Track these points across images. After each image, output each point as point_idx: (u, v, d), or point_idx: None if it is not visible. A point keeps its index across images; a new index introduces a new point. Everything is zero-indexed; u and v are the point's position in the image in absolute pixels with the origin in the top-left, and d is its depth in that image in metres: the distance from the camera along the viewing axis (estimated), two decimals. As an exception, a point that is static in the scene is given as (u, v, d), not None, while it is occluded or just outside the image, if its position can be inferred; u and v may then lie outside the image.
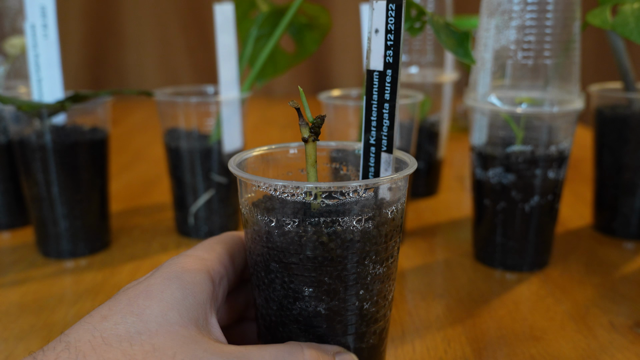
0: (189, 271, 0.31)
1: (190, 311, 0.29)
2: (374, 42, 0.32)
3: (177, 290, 0.30)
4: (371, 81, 0.33)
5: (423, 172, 0.76)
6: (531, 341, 0.44)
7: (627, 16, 0.49)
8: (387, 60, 0.32)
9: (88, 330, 0.28)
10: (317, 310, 0.31)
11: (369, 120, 0.33)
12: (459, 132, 1.12)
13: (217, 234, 0.37)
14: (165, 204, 0.74)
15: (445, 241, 0.63)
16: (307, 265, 0.31)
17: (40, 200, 0.56)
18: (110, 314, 0.29)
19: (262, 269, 0.32)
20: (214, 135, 0.60)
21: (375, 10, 0.31)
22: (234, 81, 0.60)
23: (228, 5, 0.59)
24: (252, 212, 0.32)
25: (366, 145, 0.34)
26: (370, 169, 0.35)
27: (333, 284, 0.31)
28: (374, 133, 0.33)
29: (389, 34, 0.32)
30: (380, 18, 0.31)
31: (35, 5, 0.55)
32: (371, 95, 0.33)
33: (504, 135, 0.53)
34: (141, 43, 1.60)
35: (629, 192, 0.62)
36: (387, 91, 0.33)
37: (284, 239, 0.31)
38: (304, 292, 0.31)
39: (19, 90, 0.68)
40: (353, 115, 0.58)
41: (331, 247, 0.30)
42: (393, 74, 0.32)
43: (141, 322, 0.28)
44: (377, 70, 0.32)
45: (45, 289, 0.52)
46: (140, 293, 0.29)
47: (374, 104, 0.33)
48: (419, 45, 0.76)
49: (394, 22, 0.31)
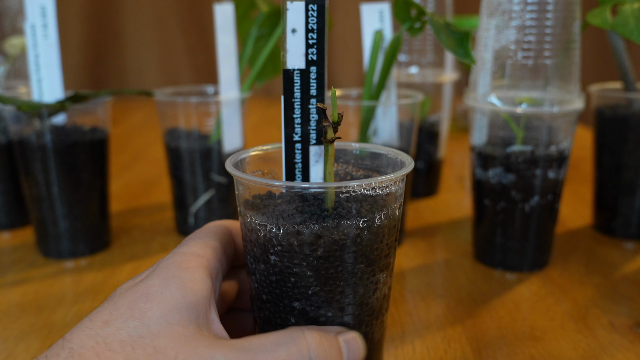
0: (187, 269, 0.31)
1: (190, 310, 0.30)
2: (290, 42, 0.32)
3: (177, 290, 0.30)
4: (291, 80, 0.33)
5: (423, 172, 0.76)
6: (531, 341, 0.44)
7: (627, 16, 0.49)
8: (309, 58, 0.33)
9: (91, 336, 0.28)
10: (314, 309, 0.32)
11: (291, 117, 0.34)
12: (459, 132, 1.12)
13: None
14: (165, 204, 0.74)
15: (445, 241, 0.63)
16: (304, 264, 0.31)
17: (40, 200, 0.56)
18: (111, 318, 0.29)
19: (260, 268, 0.32)
20: (214, 135, 0.60)
21: (289, 10, 0.32)
22: (234, 81, 0.60)
23: (228, 5, 0.59)
24: (249, 211, 0.32)
25: (289, 141, 0.34)
26: (297, 166, 0.35)
27: (330, 284, 0.31)
28: (298, 129, 0.34)
29: (310, 32, 0.32)
30: (297, 18, 0.32)
31: (35, 5, 0.55)
32: (292, 93, 0.33)
33: (504, 135, 0.53)
34: (141, 43, 1.60)
35: (629, 192, 0.62)
36: (313, 87, 0.33)
37: (280, 238, 0.31)
38: (301, 291, 0.31)
39: (19, 90, 0.68)
40: (353, 115, 0.58)
41: (328, 246, 0.30)
42: (318, 71, 0.33)
43: (143, 326, 0.28)
44: (298, 68, 0.33)
45: (45, 289, 0.52)
46: (141, 296, 0.30)
47: (295, 101, 0.33)
48: (419, 45, 0.76)
49: (316, 21, 0.32)
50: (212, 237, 0.34)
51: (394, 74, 0.60)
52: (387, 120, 0.59)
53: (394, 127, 0.59)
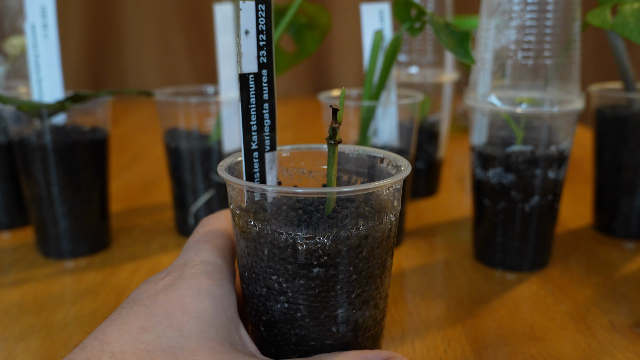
0: (215, 283, 0.31)
1: (224, 327, 0.30)
2: (244, 45, 0.31)
3: (211, 306, 0.30)
4: (247, 84, 0.32)
5: (423, 172, 0.76)
6: (531, 341, 0.44)
7: (627, 16, 0.49)
8: (261, 61, 0.31)
9: (131, 342, 0.28)
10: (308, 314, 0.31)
11: (248, 124, 0.33)
12: (459, 132, 1.12)
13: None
14: (165, 204, 0.74)
15: (445, 241, 0.63)
16: (298, 271, 0.30)
17: (40, 200, 0.56)
18: (149, 325, 0.29)
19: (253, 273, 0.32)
20: (214, 135, 0.60)
21: (243, 10, 0.30)
22: (234, 81, 0.60)
23: (228, 5, 0.59)
24: (242, 216, 0.32)
25: (247, 150, 0.33)
26: (256, 175, 0.34)
27: (325, 289, 0.31)
28: (255, 137, 0.33)
29: (260, 34, 0.31)
30: (249, 19, 0.30)
31: (35, 5, 0.55)
32: (248, 98, 0.32)
33: (504, 135, 0.53)
34: (141, 43, 1.60)
35: (629, 192, 0.62)
36: (265, 91, 0.32)
37: (273, 244, 0.30)
38: (296, 296, 0.31)
39: (19, 90, 0.68)
40: (353, 115, 0.58)
41: (325, 252, 0.30)
42: (269, 73, 0.32)
43: (182, 339, 0.29)
44: (252, 72, 0.32)
45: (45, 289, 0.52)
46: (177, 307, 0.30)
47: (252, 107, 0.32)
48: (419, 45, 0.76)
49: (265, 22, 0.31)
50: (222, 245, 0.34)
51: (394, 74, 0.60)
52: (387, 120, 0.59)
53: (394, 127, 0.59)
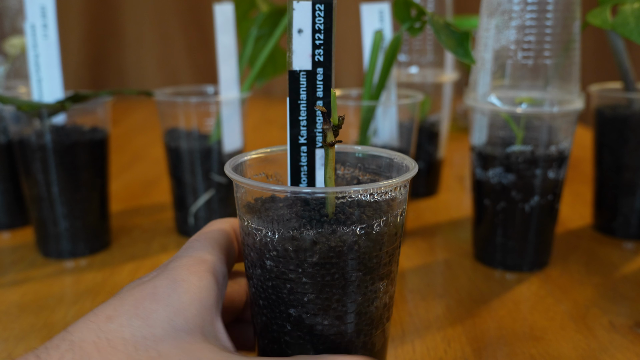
0: (195, 273, 0.30)
1: (196, 317, 0.29)
2: (296, 43, 0.32)
3: (184, 294, 0.29)
4: (297, 81, 0.33)
5: (423, 172, 0.76)
6: (531, 341, 0.44)
7: (627, 16, 0.49)
8: (316, 59, 0.32)
9: (93, 330, 0.27)
10: (310, 317, 0.31)
11: (296, 119, 0.33)
12: (459, 132, 1.12)
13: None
14: (165, 204, 0.74)
15: (445, 241, 0.63)
16: (299, 270, 0.30)
17: (40, 200, 0.56)
18: (115, 314, 0.28)
19: (257, 272, 0.32)
20: (214, 135, 0.60)
21: (296, 10, 0.31)
22: (234, 81, 0.60)
23: (228, 5, 0.59)
24: (247, 215, 0.32)
25: (294, 143, 0.34)
26: (303, 168, 0.34)
27: (326, 291, 0.30)
28: (304, 132, 0.33)
29: (317, 33, 0.32)
30: (303, 18, 0.31)
31: (35, 5, 0.55)
32: (297, 94, 0.33)
33: (504, 135, 0.53)
34: (141, 43, 1.60)
35: (629, 192, 0.62)
36: (320, 89, 0.33)
37: (280, 244, 0.30)
38: (297, 297, 0.31)
39: (19, 90, 0.68)
40: (353, 115, 0.58)
41: (324, 253, 0.30)
42: (325, 72, 0.32)
43: (147, 327, 0.28)
44: (304, 69, 0.32)
45: (45, 289, 0.52)
46: (147, 295, 0.29)
47: (301, 103, 0.33)
48: (419, 45, 0.76)
49: (324, 21, 0.31)
50: (217, 242, 0.34)
51: (394, 74, 0.60)
52: (387, 121, 0.59)
53: (394, 127, 0.59)
